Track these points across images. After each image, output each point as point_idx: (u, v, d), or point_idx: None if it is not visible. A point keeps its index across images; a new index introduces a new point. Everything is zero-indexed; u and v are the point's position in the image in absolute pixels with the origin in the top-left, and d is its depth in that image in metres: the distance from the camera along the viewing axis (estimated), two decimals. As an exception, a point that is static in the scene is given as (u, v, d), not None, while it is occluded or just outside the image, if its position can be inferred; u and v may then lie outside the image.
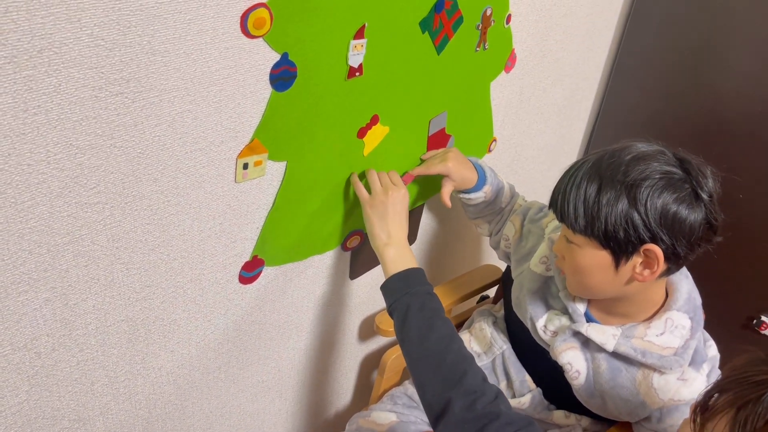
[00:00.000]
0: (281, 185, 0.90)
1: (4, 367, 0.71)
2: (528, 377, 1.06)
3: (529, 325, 1.00)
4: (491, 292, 1.45)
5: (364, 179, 1.01)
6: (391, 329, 1.20)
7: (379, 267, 1.21)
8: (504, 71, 1.24)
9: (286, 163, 0.88)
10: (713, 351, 0.95)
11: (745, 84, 1.41)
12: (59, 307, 0.73)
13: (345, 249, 1.10)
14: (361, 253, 1.15)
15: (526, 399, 1.05)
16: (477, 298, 1.44)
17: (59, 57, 0.59)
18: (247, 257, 0.93)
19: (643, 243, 0.80)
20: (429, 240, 1.36)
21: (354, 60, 0.87)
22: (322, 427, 1.37)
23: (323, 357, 1.23)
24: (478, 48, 1.11)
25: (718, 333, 1.00)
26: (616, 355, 0.91)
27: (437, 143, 1.15)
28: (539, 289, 1.00)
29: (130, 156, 0.70)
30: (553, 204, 0.87)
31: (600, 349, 0.92)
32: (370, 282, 1.23)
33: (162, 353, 0.89)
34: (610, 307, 0.93)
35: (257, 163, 0.84)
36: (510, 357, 1.08)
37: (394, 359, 1.18)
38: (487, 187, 1.10)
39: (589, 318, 0.95)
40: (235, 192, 0.85)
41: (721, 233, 0.82)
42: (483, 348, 1.12)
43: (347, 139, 0.95)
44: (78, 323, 0.76)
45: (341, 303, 1.18)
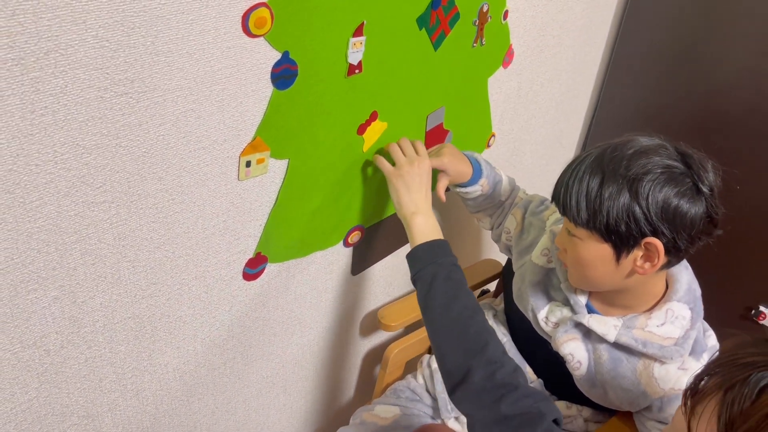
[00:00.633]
0: (283, 182, 0.91)
1: (14, 365, 0.72)
2: (529, 369, 1.08)
3: (531, 317, 1.01)
4: (491, 286, 1.46)
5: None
6: (394, 324, 1.21)
7: (381, 264, 1.23)
8: (502, 67, 1.25)
9: (288, 161, 0.89)
10: (713, 341, 0.96)
11: (741, 77, 1.41)
12: (67, 305, 0.74)
13: (347, 245, 1.11)
14: (363, 249, 1.16)
15: (527, 390, 1.06)
16: (477, 292, 1.45)
17: (65, 58, 0.60)
18: (251, 254, 0.94)
19: (644, 236, 0.81)
20: (429, 235, 1.36)
21: (353, 57, 0.88)
22: (326, 422, 1.38)
23: (327, 352, 1.24)
24: (475, 44, 1.12)
25: (716, 323, 1.01)
26: (617, 346, 0.92)
27: (435, 138, 1.16)
28: (541, 281, 1.01)
29: (135, 155, 0.71)
30: (556, 197, 0.88)
31: (601, 340, 0.93)
32: (372, 277, 1.24)
33: (168, 350, 0.90)
34: (611, 299, 0.94)
35: (260, 161, 0.85)
36: (510, 349, 1.09)
37: (396, 354, 1.19)
38: (483, 180, 1.11)
39: (591, 309, 0.96)
40: (238, 190, 0.86)
41: (721, 226, 0.83)
42: (484, 341, 1.13)
43: (347, 136, 0.96)
44: (86, 321, 0.77)
45: (344, 299, 1.19)
